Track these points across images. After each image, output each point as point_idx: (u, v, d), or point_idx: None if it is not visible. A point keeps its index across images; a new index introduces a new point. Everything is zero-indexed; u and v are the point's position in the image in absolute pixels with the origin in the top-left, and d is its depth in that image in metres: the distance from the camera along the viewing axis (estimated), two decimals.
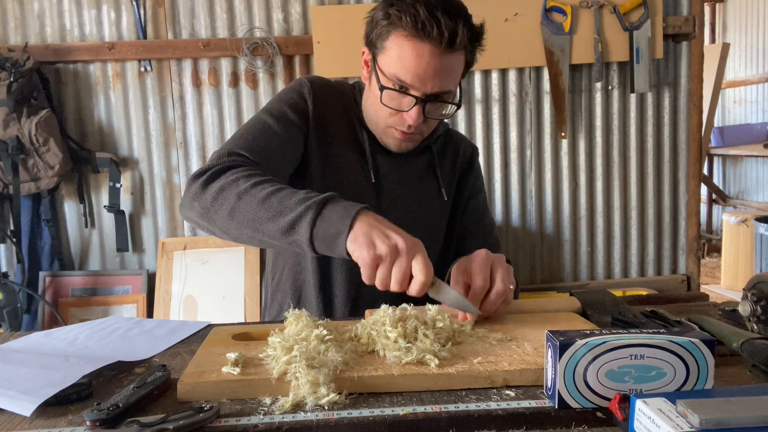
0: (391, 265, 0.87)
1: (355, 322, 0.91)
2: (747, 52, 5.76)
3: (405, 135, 1.18)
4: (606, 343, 0.67)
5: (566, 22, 2.69)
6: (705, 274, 4.62)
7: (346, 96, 1.29)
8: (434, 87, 1.10)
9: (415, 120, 1.12)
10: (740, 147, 5.18)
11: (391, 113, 1.15)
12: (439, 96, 1.13)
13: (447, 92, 1.13)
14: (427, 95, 1.11)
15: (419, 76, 1.08)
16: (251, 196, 0.98)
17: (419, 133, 1.20)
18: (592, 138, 2.87)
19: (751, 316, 0.91)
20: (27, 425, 0.69)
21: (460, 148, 1.37)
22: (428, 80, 1.09)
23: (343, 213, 0.91)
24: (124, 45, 2.67)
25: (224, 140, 2.77)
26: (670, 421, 0.55)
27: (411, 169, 1.29)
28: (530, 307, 1.04)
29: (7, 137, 2.49)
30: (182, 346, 0.97)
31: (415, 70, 1.08)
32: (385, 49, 1.11)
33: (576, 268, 2.94)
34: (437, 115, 1.17)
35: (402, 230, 0.90)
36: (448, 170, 1.34)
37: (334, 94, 1.27)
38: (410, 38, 1.07)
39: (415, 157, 1.30)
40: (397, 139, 1.19)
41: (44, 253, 2.74)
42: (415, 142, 1.23)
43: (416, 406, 0.70)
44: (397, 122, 1.16)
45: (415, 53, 1.07)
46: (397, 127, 1.17)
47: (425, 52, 1.07)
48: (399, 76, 1.10)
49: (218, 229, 1.03)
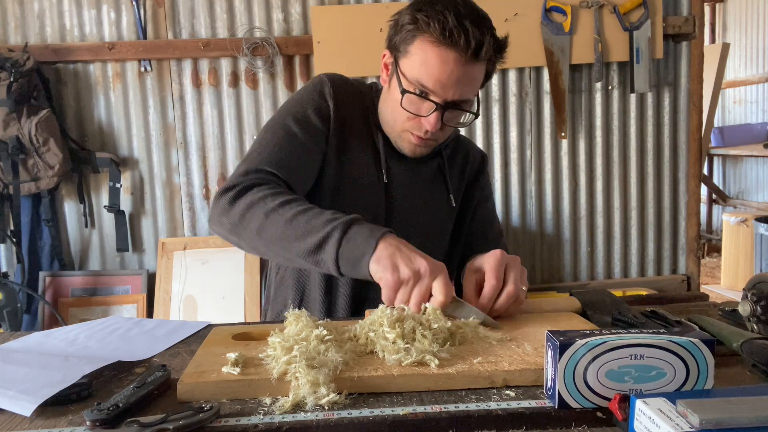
0: (413, 288, 0.90)
1: (355, 322, 0.91)
2: (747, 52, 5.75)
3: (421, 140, 1.18)
4: (606, 343, 0.67)
5: (566, 22, 2.69)
6: (705, 274, 4.62)
7: (364, 96, 1.29)
8: (455, 95, 1.10)
9: (434, 126, 1.13)
10: (740, 147, 5.18)
11: (410, 117, 1.16)
12: (459, 104, 1.13)
13: (466, 101, 1.14)
14: (447, 102, 1.11)
15: (442, 82, 1.09)
16: (279, 215, 1.01)
17: (434, 140, 1.20)
18: (592, 138, 2.87)
19: (751, 316, 0.91)
20: (27, 425, 0.69)
21: (469, 155, 1.37)
22: (450, 87, 1.09)
23: (368, 235, 0.94)
24: (124, 45, 2.67)
25: (224, 140, 2.78)
26: (670, 421, 0.55)
27: (421, 173, 1.30)
28: (530, 307, 1.04)
29: (7, 137, 2.49)
30: (182, 346, 0.97)
31: (438, 76, 1.08)
32: (409, 54, 1.12)
33: (576, 268, 2.94)
34: (455, 123, 1.17)
35: (425, 255, 0.93)
36: (457, 176, 1.34)
37: (353, 93, 1.27)
38: (436, 44, 1.08)
39: (426, 161, 1.30)
40: (412, 143, 1.20)
41: (44, 253, 2.74)
42: (429, 148, 1.23)
43: (416, 406, 0.70)
44: (414, 127, 1.16)
45: (440, 59, 1.08)
46: (414, 132, 1.17)
47: (450, 60, 1.07)
48: (421, 81, 1.10)
49: (246, 244, 1.07)
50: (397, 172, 1.27)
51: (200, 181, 2.80)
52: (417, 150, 1.22)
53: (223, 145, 2.78)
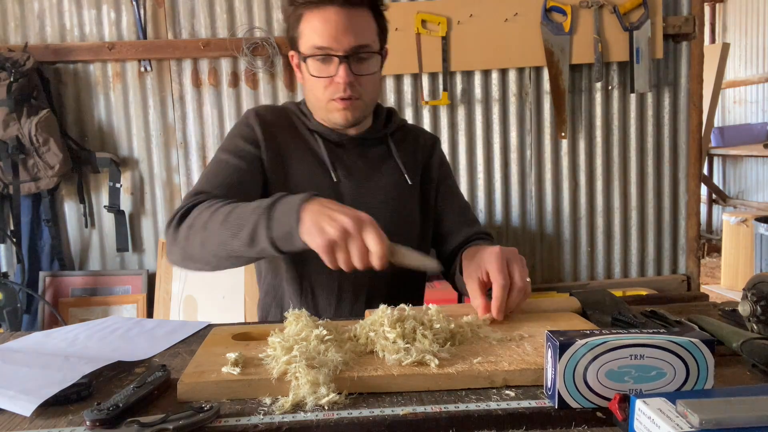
0: (346, 246, 0.89)
1: (354, 323, 0.91)
2: (747, 52, 5.75)
3: (345, 102, 1.19)
4: (606, 343, 0.67)
5: (566, 22, 2.69)
6: (705, 274, 4.62)
7: (291, 112, 1.34)
8: (350, 41, 1.15)
9: (345, 77, 1.16)
10: (740, 147, 5.18)
11: (325, 85, 1.19)
12: (360, 51, 1.17)
13: (365, 46, 1.17)
14: (347, 52, 1.15)
15: (333, 35, 1.15)
16: (214, 221, 1.03)
17: (358, 97, 1.20)
18: (592, 138, 2.87)
19: (751, 316, 0.91)
20: (27, 425, 0.69)
21: (419, 138, 1.39)
22: (341, 37, 1.15)
23: (289, 209, 0.95)
24: (124, 45, 2.67)
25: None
26: (670, 421, 0.55)
27: (369, 160, 1.31)
28: (530, 307, 1.04)
29: (7, 137, 2.49)
30: (182, 346, 0.97)
31: (328, 32, 1.15)
32: (302, 34, 1.19)
33: (576, 268, 2.94)
34: (366, 70, 1.19)
35: (349, 208, 0.92)
36: (410, 157, 1.34)
37: (278, 113, 1.33)
38: (314, 10, 1.16)
39: (372, 148, 1.31)
40: (340, 110, 1.21)
41: (44, 253, 2.74)
42: (359, 110, 1.23)
43: (416, 406, 0.70)
44: (334, 91, 1.19)
45: (323, 19, 1.15)
46: (336, 96, 1.19)
47: (331, 14, 1.15)
48: (316, 44, 1.16)
49: (200, 263, 1.09)
50: (345, 164, 1.28)
51: None
52: (348, 115, 1.22)
53: None
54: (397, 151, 1.33)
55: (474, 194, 2.87)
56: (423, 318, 0.88)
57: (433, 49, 2.69)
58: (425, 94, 2.77)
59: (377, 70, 1.23)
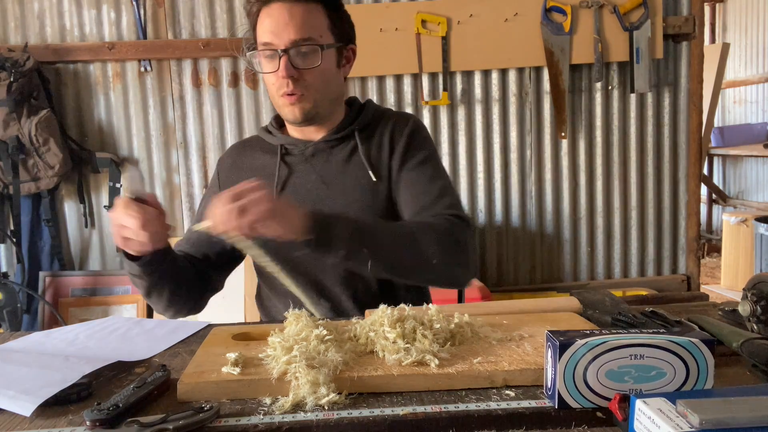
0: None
1: (354, 323, 0.91)
2: (747, 52, 5.75)
3: (291, 97, 1.20)
4: (606, 343, 0.67)
5: (566, 22, 2.69)
6: (705, 274, 4.62)
7: (256, 140, 1.37)
8: (290, 35, 1.16)
9: (284, 71, 1.16)
10: (740, 147, 5.18)
11: (273, 81, 1.21)
12: (302, 45, 1.17)
13: (307, 39, 1.17)
14: (287, 46, 1.16)
15: (274, 31, 1.17)
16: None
17: (305, 90, 1.20)
18: (592, 138, 2.87)
19: (751, 316, 0.91)
20: (27, 425, 0.69)
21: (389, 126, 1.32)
22: (282, 32, 1.16)
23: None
24: (124, 45, 2.67)
25: (224, 140, 2.78)
26: (670, 421, 0.55)
27: (333, 164, 1.29)
28: (530, 307, 1.04)
29: (7, 137, 2.49)
30: (182, 346, 0.97)
31: (270, 28, 1.17)
32: (257, 35, 1.21)
33: (576, 268, 2.94)
34: (309, 63, 1.19)
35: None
36: (376, 152, 1.29)
37: (239, 148, 1.39)
38: (264, 9, 1.18)
39: (338, 149, 1.29)
40: (288, 105, 1.22)
41: (44, 253, 2.74)
42: (309, 106, 1.22)
43: (416, 406, 0.70)
44: (281, 86, 1.20)
45: (268, 15, 1.18)
46: (282, 91, 1.20)
47: (274, 11, 1.17)
48: (261, 39, 1.18)
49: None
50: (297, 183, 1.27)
51: (200, 181, 2.80)
52: (296, 110, 1.21)
53: (223, 145, 2.78)
54: (363, 146, 1.29)
55: (474, 194, 2.87)
56: (423, 318, 0.88)
57: (433, 49, 2.69)
58: (425, 94, 2.77)
59: (326, 65, 1.20)
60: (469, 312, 0.98)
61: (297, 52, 1.17)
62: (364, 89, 2.77)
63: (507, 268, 2.92)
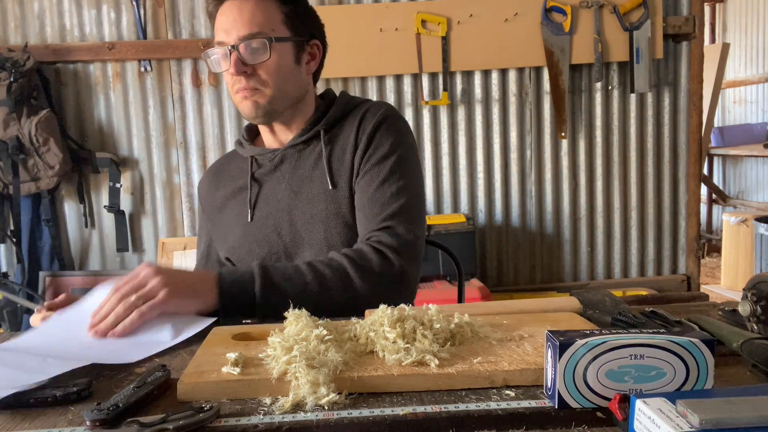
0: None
1: (354, 323, 0.91)
2: (747, 52, 5.75)
3: (244, 91, 1.19)
4: (606, 343, 0.67)
5: (566, 22, 2.69)
6: (705, 274, 4.62)
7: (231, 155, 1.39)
8: (239, 31, 1.16)
9: (234, 67, 1.16)
10: (740, 147, 5.18)
11: (229, 81, 1.21)
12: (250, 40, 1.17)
13: (255, 34, 1.17)
14: (236, 41, 1.16)
15: (224, 28, 1.18)
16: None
17: (259, 85, 1.19)
18: (592, 138, 2.87)
19: (751, 316, 0.91)
20: (27, 425, 0.69)
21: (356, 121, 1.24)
22: (231, 28, 1.17)
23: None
24: (124, 45, 2.67)
25: (224, 140, 2.78)
26: (670, 421, 0.55)
27: (301, 170, 1.25)
28: (530, 307, 1.04)
29: (7, 137, 2.49)
30: (182, 346, 0.97)
31: (221, 26, 1.18)
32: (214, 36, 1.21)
33: (576, 268, 2.94)
34: (257, 58, 1.17)
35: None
36: (340, 152, 1.22)
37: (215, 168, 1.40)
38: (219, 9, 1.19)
39: (306, 153, 1.25)
40: (242, 101, 1.21)
41: (44, 253, 2.74)
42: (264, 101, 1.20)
43: (416, 406, 0.70)
44: (235, 83, 1.20)
45: (221, 15, 1.19)
46: (236, 87, 1.20)
47: (226, 8, 1.18)
48: (216, 39, 1.20)
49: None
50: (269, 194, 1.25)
51: None
52: (250, 105, 1.20)
53: (223, 145, 2.78)
54: (328, 147, 1.23)
55: (474, 194, 2.87)
56: (423, 318, 0.88)
57: (433, 49, 2.69)
58: (425, 94, 2.77)
59: (279, 59, 1.18)
60: (469, 312, 0.98)
61: (246, 47, 1.16)
62: (364, 89, 2.77)
63: (507, 268, 2.92)
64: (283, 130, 1.27)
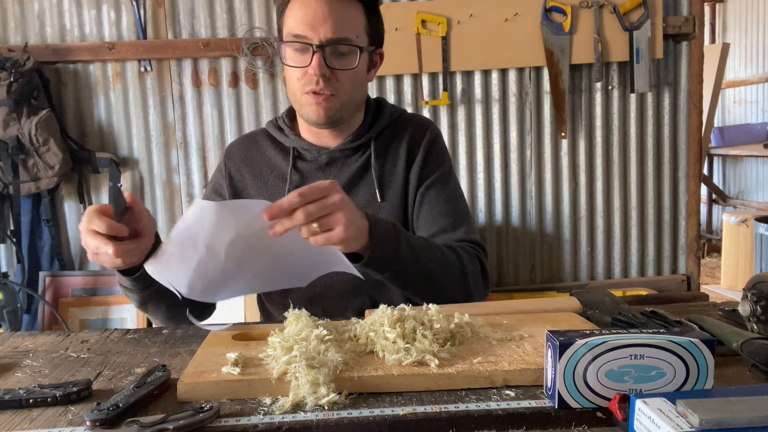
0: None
1: (354, 323, 0.91)
2: (747, 52, 5.75)
3: (318, 96, 1.12)
4: (606, 343, 0.67)
5: (566, 22, 2.69)
6: (705, 274, 4.62)
7: (264, 137, 1.30)
8: (327, 33, 1.10)
9: (317, 69, 1.09)
10: (740, 147, 5.18)
11: (299, 77, 1.13)
12: (338, 44, 1.11)
13: (345, 39, 1.12)
14: (322, 42, 1.10)
15: (309, 23, 1.09)
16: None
17: (333, 93, 1.13)
18: (592, 138, 2.87)
19: (751, 316, 0.91)
20: (27, 425, 0.69)
21: (407, 136, 1.24)
22: (318, 26, 1.09)
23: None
24: (124, 45, 2.67)
25: (224, 140, 2.78)
26: (670, 421, 0.55)
27: (347, 176, 1.22)
28: (530, 307, 1.04)
29: (7, 137, 2.49)
30: (182, 346, 0.97)
31: (305, 18, 1.10)
32: (285, 23, 1.14)
33: (576, 268, 2.94)
34: (342, 64, 1.13)
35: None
36: (391, 165, 1.22)
37: (249, 141, 1.31)
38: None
39: (354, 159, 1.23)
40: (312, 104, 1.14)
41: (44, 253, 2.74)
42: (335, 108, 1.15)
43: (416, 406, 0.70)
44: (307, 83, 1.12)
45: (303, 5, 1.11)
46: (308, 88, 1.13)
47: (312, 2, 1.10)
48: (293, 31, 1.11)
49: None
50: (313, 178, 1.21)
51: (200, 181, 2.80)
52: (321, 111, 1.14)
53: (223, 145, 2.78)
54: (377, 158, 1.22)
55: (474, 194, 2.87)
56: (423, 318, 0.88)
57: (433, 49, 2.69)
58: (425, 94, 2.77)
59: (360, 68, 1.15)
60: (469, 312, 0.98)
61: (333, 51, 1.11)
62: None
63: (507, 268, 2.92)
64: (331, 133, 1.23)
